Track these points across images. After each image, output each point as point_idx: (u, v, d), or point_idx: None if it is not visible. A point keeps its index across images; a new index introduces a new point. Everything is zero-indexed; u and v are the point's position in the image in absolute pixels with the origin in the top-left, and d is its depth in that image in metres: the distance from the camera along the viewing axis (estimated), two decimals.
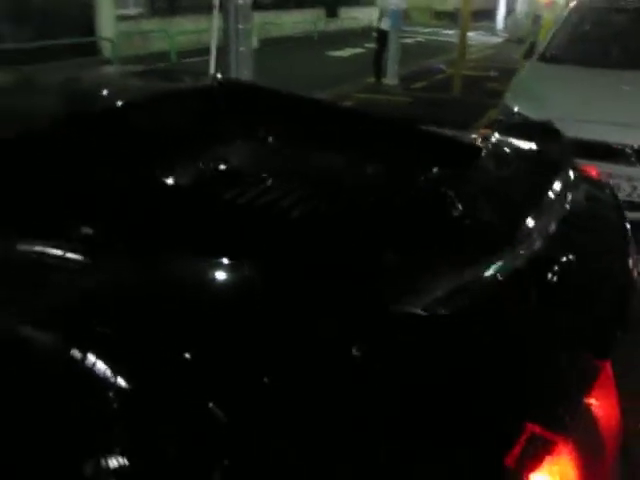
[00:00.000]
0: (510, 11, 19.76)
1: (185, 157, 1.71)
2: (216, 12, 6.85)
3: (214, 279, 1.12)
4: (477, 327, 0.92)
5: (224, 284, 1.10)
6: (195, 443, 0.83)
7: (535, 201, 1.17)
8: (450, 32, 16.35)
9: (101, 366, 0.96)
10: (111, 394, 0.93)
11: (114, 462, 0.88)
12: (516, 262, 1.00)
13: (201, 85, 2.33)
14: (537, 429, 0.81)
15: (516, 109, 3.64)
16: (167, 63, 11.73)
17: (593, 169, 1.97)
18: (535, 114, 3.33)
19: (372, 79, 9.27)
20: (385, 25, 8.72)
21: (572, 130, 3.29)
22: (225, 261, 1.08)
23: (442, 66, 11.00)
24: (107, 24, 12.81)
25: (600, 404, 0.92)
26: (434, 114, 6.62)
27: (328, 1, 19.89)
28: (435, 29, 19.92)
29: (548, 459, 0.80)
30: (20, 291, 1.19)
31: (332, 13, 20.00)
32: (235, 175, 1.77)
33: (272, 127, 2.06)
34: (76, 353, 1.01)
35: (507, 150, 1.57)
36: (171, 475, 0.83)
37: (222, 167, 1.81)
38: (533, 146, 1.56)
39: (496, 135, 1.73)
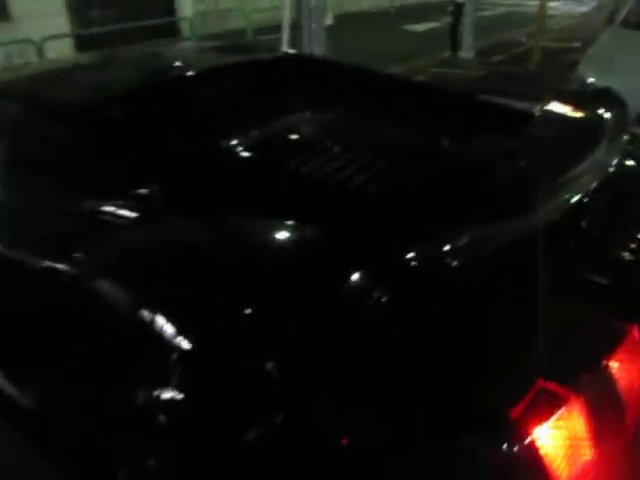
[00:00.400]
0: None
1: (257, 124, 1.79)
2: None
3: (274, 239, 1.20)
4: (499, 280, 0.94)
5: (283, 244, 1.17)
6: (252, 396, 0.91)
7: (575, 164, 1.15)
8: (533, 2, 15.53)
9: (166, 320, 1.07)
10: (175, 348, 1.03)
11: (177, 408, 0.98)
12: (550, 219, 0.99)
13: (270, 58, 2.41)
14: (547, 384, 0.82)
15: (590, 79, 3.45)
16: (243, 40, 11.93)
17: None
18: (611, 82, 3.15)
19: (448, 53, 9.03)
20: None
21: None
22: (286, 223, 1.15)
23: (521, 38, 10.52)
24: (185, 4, 13.19)
25: (624, 367, 0.91)
26: (507, 88, 6.38)
27: None
28: (518, 1, 19.00)
29: (556, 414, 0.81)
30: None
31: None
32: (302, 143, 1.83)
33: (339, 99, 2.10)
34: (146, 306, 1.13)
35: (558, 116, 1.53)
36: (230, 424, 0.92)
37: (291, 136, 1.87)
38: (587, 112, 1.51)
39: (554, 102, 1.69)
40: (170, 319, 1.10)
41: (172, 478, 1.15)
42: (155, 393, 1.13)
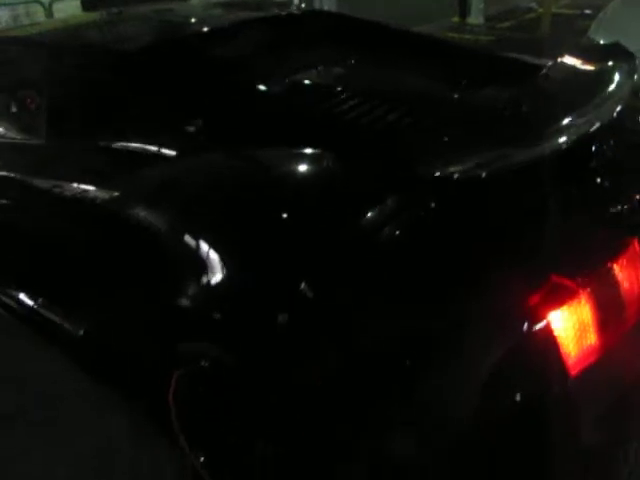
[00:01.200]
0: None
1: (279, 69, 1.92)
2: None
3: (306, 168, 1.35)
4: (519, 196, 1.09)
5: (308, 170, 1.33)
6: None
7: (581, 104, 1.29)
8: None
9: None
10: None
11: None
12: (555, 146, 1.14)
13: (299, 13, 2.56)
14: (560, 279, 0.98)
15: (600, 42, 3.54)
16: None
17: None
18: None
19: (457, 18, 9.00)
20: None
21: None
22: (308, 151, 1.30)
23: (533, 4, 10.43)
24: None
25: (625, 271, 1.07)
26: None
27: None
28: None
29: (567, 303, 0.97)
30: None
31: None
32: (328, 87, 1.96)
33: (361, 50, 2.24)
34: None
35: (567, 66, 1.66)
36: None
37: (318, 80, 1.99)
38: (595, 63, 1.64)
39: (564, 56, 1.81)
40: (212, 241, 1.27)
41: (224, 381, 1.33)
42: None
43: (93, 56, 1.87)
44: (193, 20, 2.49)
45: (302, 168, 1.39)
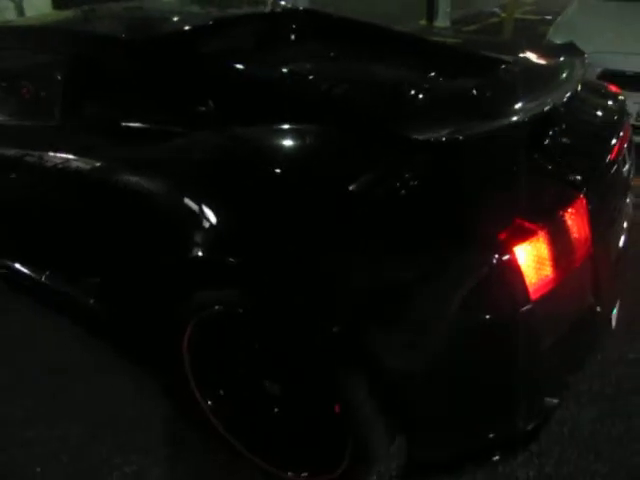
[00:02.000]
0: None
1: (272, 57, 2.14)
2: None
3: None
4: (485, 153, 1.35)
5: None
6: None
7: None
8: None
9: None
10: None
11: None
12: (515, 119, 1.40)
13: (281, 11, 2.78)
14: (523, 221, 1.22)
15: (557, 42, 3.85)
16: None
17: (614, 87, 2.29)
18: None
19: (424, 21, 9.34)
20: None
21: (610, 62, 3.57)
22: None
23: (497, 9, 10.87)
24: None
25: (573, 221, 1.32)
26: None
27: None
28: None
29: (527, 240, 1.22)
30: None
31: None
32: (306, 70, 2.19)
33: (329, 43, 2.49)
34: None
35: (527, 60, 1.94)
36: None
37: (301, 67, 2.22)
38: (549, 57, 1.91)
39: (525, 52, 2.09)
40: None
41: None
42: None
43: (107, 44, 2.06)
44: (182, 16, 2.68)
45: (297, 141, 1.62)
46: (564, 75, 1.71)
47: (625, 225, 1.93)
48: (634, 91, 3.56)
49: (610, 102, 1.89)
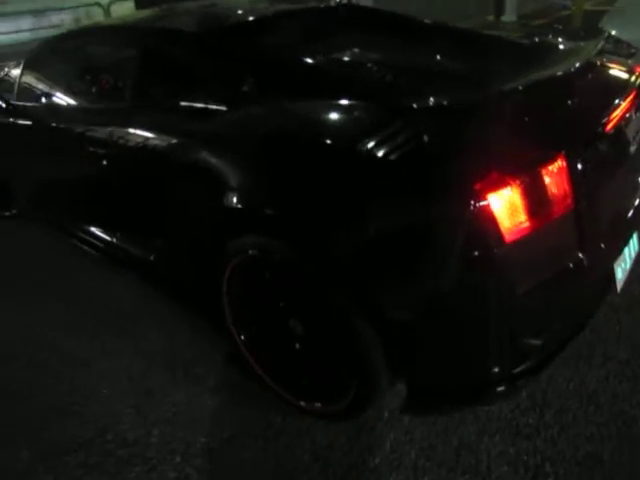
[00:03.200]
0: None
1: (319, 45, 2.41)
2: None
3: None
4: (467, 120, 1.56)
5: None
6: None
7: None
8: None
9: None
10: None
11: None
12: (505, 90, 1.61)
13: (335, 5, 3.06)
14: (500, 173, 1.42)
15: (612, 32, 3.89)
16: None
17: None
18: (624, 32, 3.61)
19: (492, 16, 9.32)
20: None
21: None
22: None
23: (567, 2, 10.63)
24: None
25: (550, 178, 1.50)
26: None
27: None
28: None
29: (502, 188, 1.42)
30: None
31: None
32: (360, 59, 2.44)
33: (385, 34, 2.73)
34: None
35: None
36: None
37: (352, 54, 2.47)
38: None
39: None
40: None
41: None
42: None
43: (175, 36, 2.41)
44: (254, 10, 3.01)
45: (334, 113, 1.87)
46: (567, 52, 1.87)
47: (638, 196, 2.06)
48: None
49: (623, 77, 2.01)
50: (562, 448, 1.84)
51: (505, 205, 1.43)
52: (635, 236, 2.08)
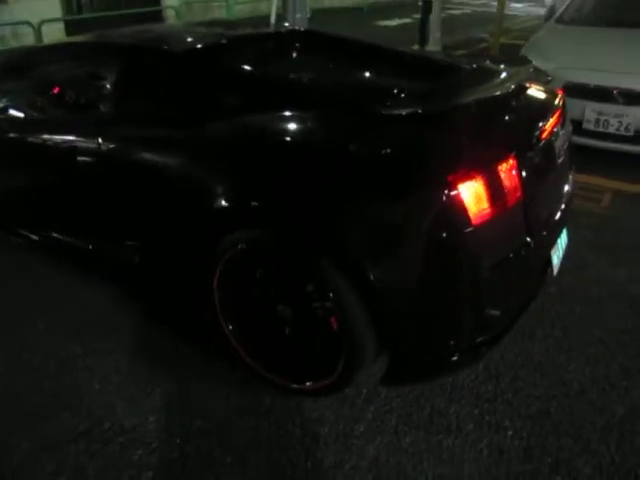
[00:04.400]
0: None
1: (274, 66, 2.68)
2: None
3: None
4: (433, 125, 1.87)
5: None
6: None
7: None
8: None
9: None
10: None
11: None
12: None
13: (282, 30, 3.33)
14: (467, 168, 1.73)
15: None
16: None
17: (560, 90, 2.82)
18: (542, 63, 4.13)
19: (416, 46, 9.98)
20: None
21: (571, 76, 4.14)
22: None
23: (485, 36, 11.56)
24: None
25: (504, 173, 1.83)
26: None
27: None
28: (485, 1, 20.24)
29: (469, 180, 1.72)
30: None
31: None
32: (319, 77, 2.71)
33: (324, 54, 3.04)
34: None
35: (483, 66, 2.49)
36: None
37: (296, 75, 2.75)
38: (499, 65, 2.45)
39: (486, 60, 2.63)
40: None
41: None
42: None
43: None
44: (205, 34, 3.24)
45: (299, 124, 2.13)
46: (505, 75, 2.23)
47: (566, 198, 2.45)
48: (593, 101, 4.13)
49: (549, 98, 2.42)
50: (517, 407, 2.16)
51: (472, 194, 1.74)
52: (564, 231, 2.47)
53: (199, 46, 2.68)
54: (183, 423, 2.15)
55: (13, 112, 3.11)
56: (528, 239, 1.98)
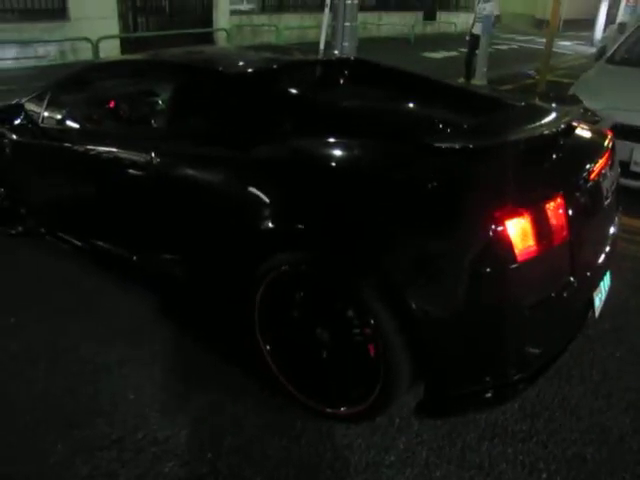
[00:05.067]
0: (612, 21, 19.65)
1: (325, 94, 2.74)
2: (327, 10, 8.01)
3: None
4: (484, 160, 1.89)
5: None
6: None
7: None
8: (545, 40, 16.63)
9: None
10: None
11: None
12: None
13: (333, 57, 3.42)
14: (514, 205, 1.74)
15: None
16: None
17: (609, 131, 2.80)
18: (591, 103, 4.10)
19: (462, 80, 10.03)
20: (477, 29, 9.53)
21: (620, 117, 4.10)
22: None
23: (532, 72, 11.54)
24: (222, 18, 14.24)
25: (552, 211, 1.82)
26: None
27: (427, 5, 20.75)
28: (533, 37, 20.25)
29: (516, 217, 1.73)
30: None
31: (430, 17, 20.78)
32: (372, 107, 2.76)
33: (373, 83, 3.09)
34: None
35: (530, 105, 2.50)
36: None
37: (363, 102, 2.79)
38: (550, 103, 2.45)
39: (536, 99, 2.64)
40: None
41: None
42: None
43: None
44: (258, 58, 3.35)
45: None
46: (555, 114, 2.24)
47: (611, 240, 2.42)
48: None
49: (598, 139, 2.41)
50: (552, 450, 2.11)
51: (518, 230, 1.74)
52: (608, 273, 2.43)
53: (252, 69, 2.77)
54: (215, 438, 2.17)
55: (70, 123, 3.25)
56: (572, 279, 1.97)
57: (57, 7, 11.20)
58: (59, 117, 3.28)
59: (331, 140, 2.18)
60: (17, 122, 3.43)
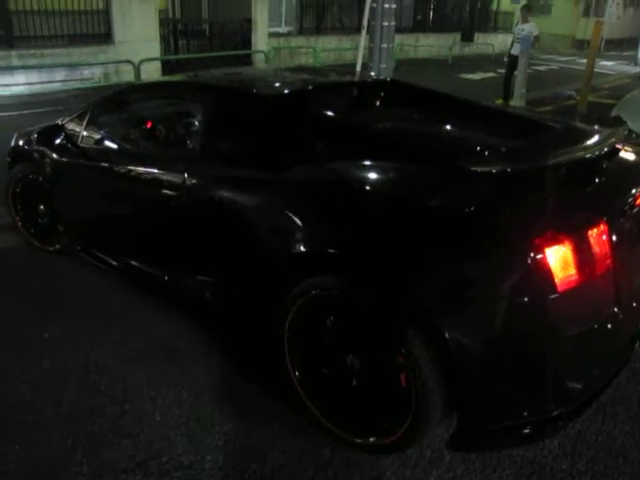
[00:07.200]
0: None
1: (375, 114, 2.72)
2: (364, 32, 8.04)
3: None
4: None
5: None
6: None
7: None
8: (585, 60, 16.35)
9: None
10: None
11: None
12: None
13: (369, 79, 3.40)
14: (554, 231, 1.65)
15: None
16: None
17: None
18: (634, 124, 3.96)
19: (500, 101, 9.91)
20: (515, 50, 9.42)
21: None
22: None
23: (572, 93, 11.33)
24: (261, 40, 14.51)
25: (594, 238, 1.73)
26: None
27: (465, 26, 20.71)
28: (573, 57, 19.95)
29: (557, 245, 1.64)
30: None
31: (468, 38, 20.72)
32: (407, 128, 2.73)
33: (410, 105, 3.05)
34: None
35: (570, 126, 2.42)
36: None
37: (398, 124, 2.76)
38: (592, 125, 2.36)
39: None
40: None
41: None
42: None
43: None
44: (294, 80, 3.35)
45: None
46: (598, 136, 2.15)
47: None
48: None
49: None
50: None
51: (559, 259, 1.65)
52: None
53: (288, 91, 2.76)
54: (240, 465, 2.12)
55: (107, 143, 3.31)
56: (616, 310, 1.86)
57: (103, 32, 11.61)
58: (97, 137, 3.33)
59: (365, 163, 2.14)
60: (57, 142, 3.51)
